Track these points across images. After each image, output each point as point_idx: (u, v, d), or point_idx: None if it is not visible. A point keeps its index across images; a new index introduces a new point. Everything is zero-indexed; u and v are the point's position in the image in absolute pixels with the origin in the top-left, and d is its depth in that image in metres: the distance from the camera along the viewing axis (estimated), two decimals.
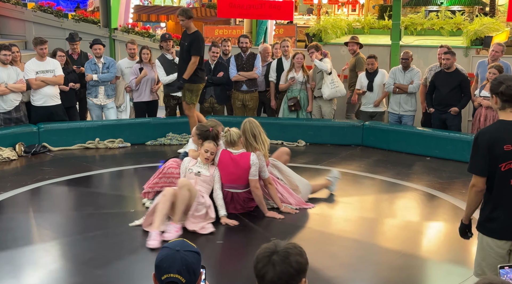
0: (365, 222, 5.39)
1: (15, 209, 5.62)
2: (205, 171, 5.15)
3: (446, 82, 7.61)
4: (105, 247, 4.69)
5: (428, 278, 4.34)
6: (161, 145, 8.14)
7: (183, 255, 1.99)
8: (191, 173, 5.16)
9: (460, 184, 6.48)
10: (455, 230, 5.20)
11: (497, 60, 7.56)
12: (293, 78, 8.24)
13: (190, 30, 7.17)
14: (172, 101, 8.56)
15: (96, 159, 7.49)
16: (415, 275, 4.36)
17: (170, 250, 2.01)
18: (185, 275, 1.97)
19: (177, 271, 1.96)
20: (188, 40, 7.13)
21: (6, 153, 7.18)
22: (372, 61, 8.16)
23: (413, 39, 9.71)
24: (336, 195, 5.93)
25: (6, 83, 7.41)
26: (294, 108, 8.33)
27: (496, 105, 3.32)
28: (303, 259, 1.92)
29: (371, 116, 8.32)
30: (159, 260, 2.00)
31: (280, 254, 1.90)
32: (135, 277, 4.19)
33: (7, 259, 4.35)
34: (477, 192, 3.38)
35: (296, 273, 1.89)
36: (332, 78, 8.19)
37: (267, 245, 1.95)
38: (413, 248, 4.79)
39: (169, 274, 1.96)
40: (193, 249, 2.04)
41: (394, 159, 7.54)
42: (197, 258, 2.03)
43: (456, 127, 7.72)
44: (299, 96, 8.33)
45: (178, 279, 1.96)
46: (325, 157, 7.61)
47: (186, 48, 7.13)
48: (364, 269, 4.39)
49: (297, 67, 8.26)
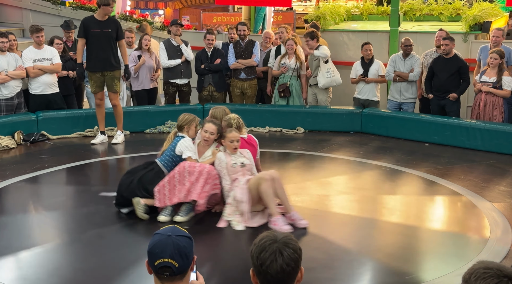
0: (364, 208, 5.39)
1: (14, 197, 5.63)
2: (245, 160, 5.06)
3: (445, 68, 7.59)
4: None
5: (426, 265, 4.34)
6: (160, 132, 8.14)
7: (175, 240, 2.00)
8: (237, 166, 4.99)
9: (459, 169, 6.50)
10: (454, 215, 5.24)
11: (499, 45, 7.55)
12: (285, 66, 8.19)
13: (105, 17, 7.13)
14: (171, 88, 8.55)
15: (95, 147, 7.48)
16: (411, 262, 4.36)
17: (161, 236, 2.02)
18: (177, 259, 1.98)
19: (170, 255, 1.97)
20: (110, 26, 7.12)
21: (5, 141, 7.18)
22: (369, 48, 8.10)
23: (412, 25, 9.67)
24: (334, 182, 5.93)
25: (6, 70, 7.40)
26: (284, 94, 8.30)
27: None
28: (299, 246, 1.96)
29: (364, 105, 8.28)
30: (151, 246, 2.01)
31: (282, 242, 1.91)
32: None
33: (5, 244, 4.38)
34: None
35: (300, 259, 1.93)
36: (328, 67, 8.14)
37: (265, 234, 1.96)
38: (412, 234, 4.80)
39: (162, 259, 1.98)
40: (184, 234, 2.06)
41: (393, 145, 7.55)
42: (189, 242, 2.04)
43: (454, 113, 7.71)
44: (289, 83, 8.29)
45: (171, 263, 1.97)
46: (324, 143, 7.61)
47: (110, 34, 7.12)
48: (362, 256, 4.38)
49: (290, 53, 8.22)
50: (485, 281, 1.74)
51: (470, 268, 1.80)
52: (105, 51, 7.17)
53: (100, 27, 7.11)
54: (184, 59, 8.43)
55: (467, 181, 6.07)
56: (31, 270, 4.03)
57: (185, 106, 8.54)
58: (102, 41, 7.14)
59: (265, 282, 1.92)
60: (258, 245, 1.93)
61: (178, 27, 8.50)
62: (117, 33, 7.20)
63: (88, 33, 7.11)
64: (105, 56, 7.18)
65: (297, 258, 1.92)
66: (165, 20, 11.70)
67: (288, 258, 1.89)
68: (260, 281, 1.93)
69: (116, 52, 7.29)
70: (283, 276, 1.89)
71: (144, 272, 2.36)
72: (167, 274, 1.99)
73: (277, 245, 1.90)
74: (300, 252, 1.93)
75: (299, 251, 1.93)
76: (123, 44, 7.31)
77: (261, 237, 1.96)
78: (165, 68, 8.45)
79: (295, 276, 1.93)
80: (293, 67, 8.22)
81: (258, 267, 1.91)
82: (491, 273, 1.74)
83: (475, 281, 1.75)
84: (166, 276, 2.00)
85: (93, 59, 7.20)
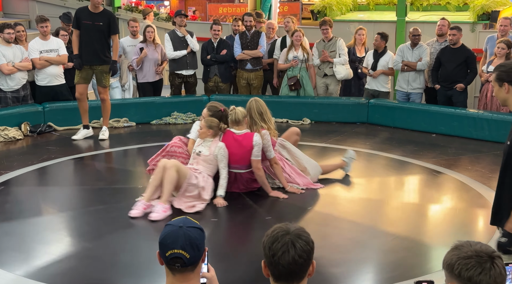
0: (368, 201, 5.36)
1: (21, 188, 5.65)
2: (205, 150, 5.13)
3: (452, 58, 7.54)
4: (102, 221, 4.75)
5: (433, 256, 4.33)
6: (166, 124, 8.14)
7: (186, 231, 2.00)
8: (194, 153, 5.18)
9: (466, 160, 6.47)
10: (461, 206, 5.23)
11: (506, 35, 7.48)
12: (296, 60, 8.16)
13: (99, 9, 6.92)
14: (177, 80, 8.54)
15: (99, 138, 7.47)
16: (420, 251, 4.35)
17: (173, 226, 2.02)
18: (189, 251, 1.97)
19: (181, 246, 1.97)
20: (102, 19, 6.88)
21: (12, 132, 7.20)
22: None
23: (419, 15, 9.61)
24: (339, 174, 5.90)
25: (12, 62, 7.41)
26: (295, 87, 8.28)
27: (508, 95, 2.98)
28: (311, 239, 1.95)
29: (373, 96, 8.26)
30: (163, 237, 2.01)
31: (294, 233, 1.91)
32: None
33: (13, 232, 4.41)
34: None
35: (312, 251, 1.92)
36: (345, 59, 8.17)
37: (278, 226, 1.95)
38: (418, 224, 4.79)
39: (173, 250, 1.97)
40: (196, 225, 2.05)
41: (400, 136, 7.52)
42: (200, 234, 2.04)
43: (462, 103, 7.67)
44: (299, 75, 8.27)
45: (182, 254, 1.97)
46: (330, 135, 7.59)
47: (101, 28, 6.87)
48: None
49: (296, 45, 8.18)
50: (468, 272, 1.73)
51: (450, 256, 1.79)
52: (94, 44, 6.92)
53: (92, 19, 6.87)
54: (189, 50, 8.41)
55: (474, 171, 6.05)
56: (41, 263, 4.05)
57: (191, 98, 8.54)
58: (92, 34, 6.89)
59: (277, 274, 1.91)
60: (271, 236, 1.92)
61: (183, 18, 8.47)
62: (110, 27, 6.93)
63: (80, 24, 6.92)
64: (94, 49, 6.92)
65: (309, 250, 1.91)
66: (170, 11, 11.65)
67: (301, 249, 1.88)
68: (272, 272, 1.92)
69: (108, 46, 7.04)
70: (295, 267, 1.88)
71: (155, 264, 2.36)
72: (178, 265, 1.98)
73: (289, 236, 1.89)
74: (312, 245, 1.92)
75: (311, 244, 1.92)
76: (114, 39, 7.02)
77: (273, 228, 1.95)
78: (171, 59, 8.43)
79: (307, 268, 1.92)
80: (301, 59, 8.20)
81: (269, 257, 1.90)
82: (472, 262, 1.74)
83: (459, 273, 1.74)
84: (177, 267, 1.99)
85: (82, 52, 7.00)
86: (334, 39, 8.25)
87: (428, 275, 3.73)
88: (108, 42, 7.05)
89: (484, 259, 1.74)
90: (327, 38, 8.24)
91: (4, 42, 7.46)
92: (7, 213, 4.90)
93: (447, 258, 1.80)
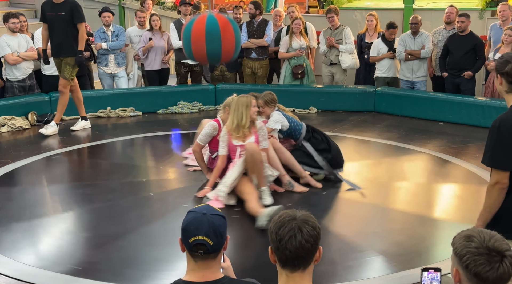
0: (374, 190, 5.34)
1: (28, 177, 5.67)
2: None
3: (460, 46, 7.47)
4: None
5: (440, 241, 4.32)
6: (172, 113, 8.13)
7: (210, 218, 1.99)
8: None
9: (474, 148, 6.43)
10: (468, 193, 5.20)
11: (508, 20, 7.40)
12: (302, 50, 8.10)
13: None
14: (183, 69, 8.52)
15: (108, 128, 7.50)
16: (427, 239, 4.34)
17: (196, 213, 2.01)
18: (212, 238, 1.97)
19: (205, 233, 1.96)
20: (64, 9, 6.66)
21: (19, 122, 7.22)
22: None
23: (426, 2, 9.53)
24: (349, 162, 5.86)
25: (18, 52, 7.41)
26: (301, 76, 8.24)
27: (501, 87, 2.86)
28: (318, 224, 1.94)
29: (389, 83, 8.20)
30: (186, 223, 2.00)
31: (301, 219, 1.90)
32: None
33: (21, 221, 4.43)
34: (502, 189, 2.92)
35: (319, 237, 1.91)
36: (351, 48, 8.11)
37: (284, 211, 1.95)
38: (426, 213, 4.77)
39: (197, 237, 1.96)
40: (219, 213, 2.04)
41: (407, 125, 7.48)
42: (223, 221, 2.03)
43: (469, 91, 7.61)
44: (305, 64, 8.23)
45: (205, 241, 1.96)
46: (337, 123, 7.57)
47: (64, 17, 6.68)
48: (374, 234, 4.37)
49: (296, 33, 8.11)
50: (477, 268, 1.73)
51: (460, 245, 1.78)
52: (59, 36, 6.73)
53: (55, 10, 6.68)
54: None
55: None
56: (50, 251, 4.08)
57: (197, 87, 8.53)
58: (57, 26, 6.70)
59: (284, 259, 1.90)
60: (277, 221, 1.92)
61: (187, 7, 8.43)
62: (73, 15, 6.67)
63: (46, 17, 6.78)
64: (59, 41, 6.75)
65: (316, 235, 1.90)
66: (176, 0, 11.61)
67: (308, 234, 1.88)
68: (279, 257, 1.92)
69: (73, 36, 6.76)
70: (301, 252, 1.87)
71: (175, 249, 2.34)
72: (201, 252, 1.97)
73: (296, 222, 1.89)
74: (319, 230, 1.92)
75: (318, 229, 1.92)
76: (80, 28, 6.74)
77: (280, 214, 1.95)
78: (177, 49, 8.41)
79: (313, 253, 1.91)
80: (305, 46, 8.16)
81: (276, 243, 1.90)
82: (482, 260, 1.73)
83: (467, 266, 1.74)
84: (200, 254, 1.98)
85: (51, 44, 6.88)
86: (341, 27, 8.20)
87: (435, 263, 3.72)
88: (75, 33, 6.77)
89: (495, 259, 1.73)
90: (334, 26, 8.19)
91: (9, 32, 7.46)
92: (14, 202, 4.91)
93: (458, 246, 1.79)
